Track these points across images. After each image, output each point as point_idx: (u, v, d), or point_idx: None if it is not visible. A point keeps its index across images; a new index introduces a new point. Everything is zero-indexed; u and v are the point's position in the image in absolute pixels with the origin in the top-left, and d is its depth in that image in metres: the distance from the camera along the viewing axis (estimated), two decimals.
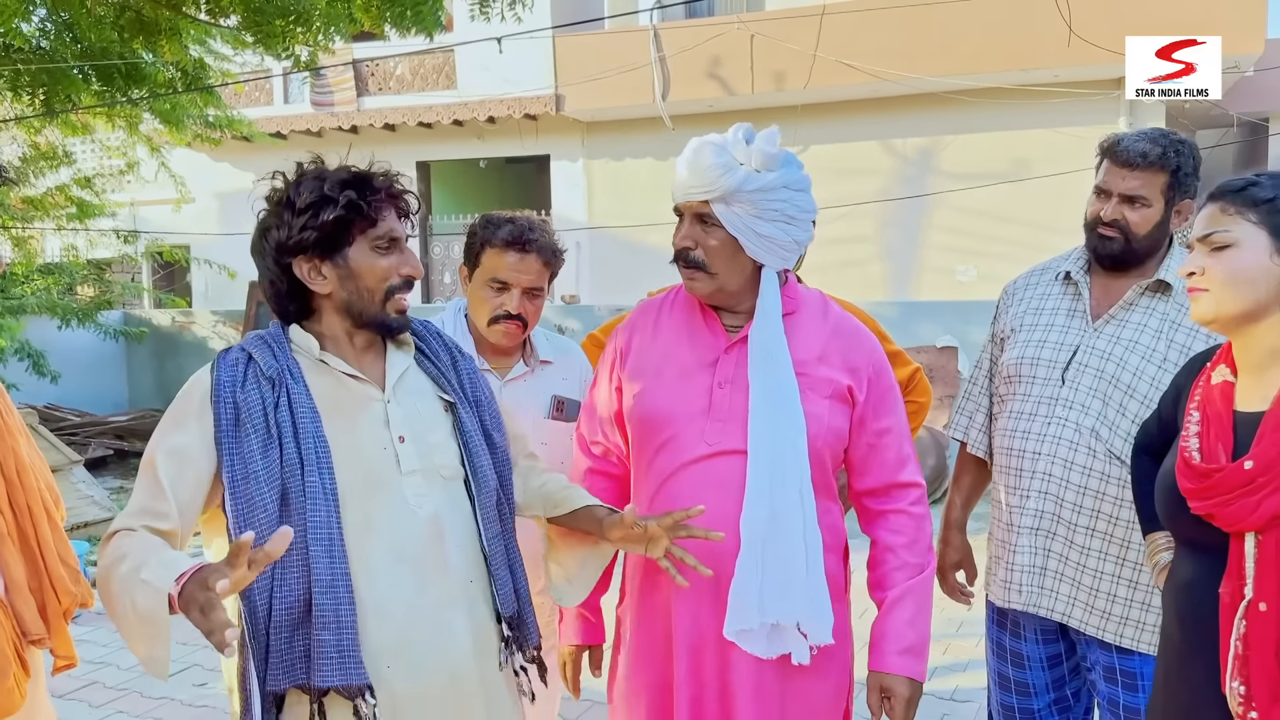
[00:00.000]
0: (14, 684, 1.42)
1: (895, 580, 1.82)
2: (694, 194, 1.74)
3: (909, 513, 1.86)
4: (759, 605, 1.69)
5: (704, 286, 1.79)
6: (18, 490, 1.51)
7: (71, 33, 5.81)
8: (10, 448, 1.52)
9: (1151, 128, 2.18)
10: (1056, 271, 2.29)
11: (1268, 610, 1.40)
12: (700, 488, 1.76)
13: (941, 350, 7.79)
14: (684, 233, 1.79)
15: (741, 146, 1.75)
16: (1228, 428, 1.51)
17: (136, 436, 9.70)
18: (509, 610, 1.66)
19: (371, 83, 12.22)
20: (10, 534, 1.48)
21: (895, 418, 1.88)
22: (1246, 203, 1.49)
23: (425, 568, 1.57)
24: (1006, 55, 9.44)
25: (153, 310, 11.92)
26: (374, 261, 1.59)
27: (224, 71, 7.68)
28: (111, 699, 4.03)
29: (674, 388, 1.82)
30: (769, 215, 1.74)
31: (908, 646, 1.79)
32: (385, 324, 1.63)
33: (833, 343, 1.84)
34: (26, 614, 1.48)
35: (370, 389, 1.63)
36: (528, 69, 11.05)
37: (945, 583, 2.51)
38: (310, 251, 1.57)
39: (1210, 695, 1.48)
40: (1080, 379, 2.14)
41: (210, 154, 12.51)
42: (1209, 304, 1.51)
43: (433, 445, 1.63)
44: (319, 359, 1.61)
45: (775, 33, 10.03)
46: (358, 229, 1.58)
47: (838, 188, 10.32)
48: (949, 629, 4.57)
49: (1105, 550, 2.10)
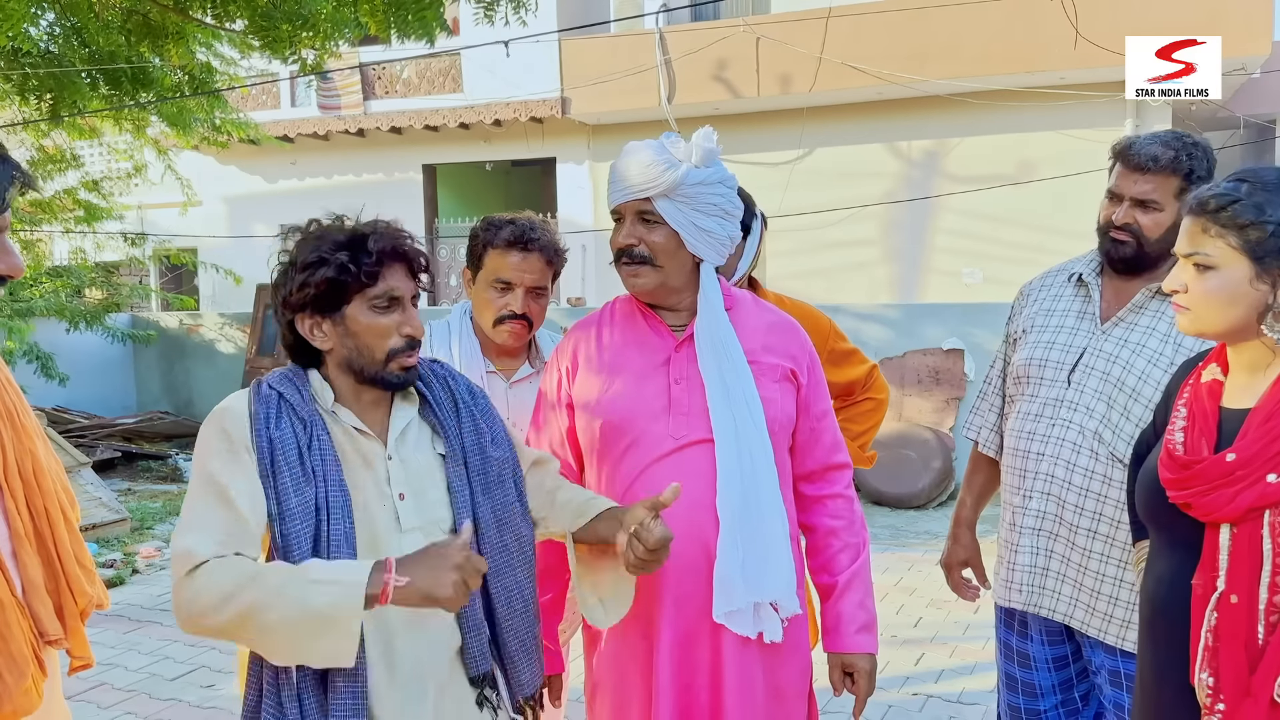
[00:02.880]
0: (31, 685, 1.43)
1: (841, 563, 1.93)
2: (638, 191, 1.80)
3: (844, 495, 1.97)
4: (743, 584, 1.74)
5: (649, 281, 1.83)
6: (35, 493, 1.51)
7: (79, 37, 5.83)
8: (28, 449, 1.52)
9: (1165, 130, 2.16)
10: (1070, 273, 2.29)
11: (1239, 602, 1.41)
12: (673, 478, 1.79)
13: (947, 353, 7.78)
14: (626, 231, 1.84)
15: (680, 145, 1.82)
16: (1212, 423, 1.53)
17: (144, 439, 9.73)
18: (479, 669, 1.63)
19: (378, 86, 12.24)
20: (28, 535, 1.49)
21: (828, 402, 1.99)
22: (1227, 225, 1.47)
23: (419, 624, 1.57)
24: (1012, 58, 9.43)
25: (161, 313, 11.96)
26: (372, 320, 1.58)
27: (231, 75, 7.70)
28: (120, 700, 4.04)
29: (631, 391, 1.85)
30: (708, 209, 1.81)
31: (862, 625, 1.91)
32: (386, 381, 1.62)
33: (772, 334, 1.92)
34: (44, 615, 1.48)
35: (374, 445, 1.62)
36: (533, 72, 11.06)
37: (951, 579, 2.54)
38: (309, 309, 1.58)
39: (1182, 688, 1.49)
40: (1086, 381, 2.14)
41: (218, 157, 12.56)
42: (1190, 322, 1.54)
43: (431, 502, 1.63)
44: (330, 410, 1.62)
45: (781, 36, 10.03)
46: (354, 289, 1.57)
47: (843, 190, 10.32)
48: (955, 632, 4.57)
49: (1106, 553, 2.10)
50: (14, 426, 1.53)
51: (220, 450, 1.53)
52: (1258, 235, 1.45)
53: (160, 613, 5.24)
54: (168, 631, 4.92)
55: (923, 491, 7.40)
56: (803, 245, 10.61)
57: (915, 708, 3.81)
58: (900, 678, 4.09)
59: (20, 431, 1.54)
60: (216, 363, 10.52)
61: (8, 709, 1.40)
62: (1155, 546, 1.63)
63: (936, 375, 7.79)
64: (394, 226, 1.64)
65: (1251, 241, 1.45)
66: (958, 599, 2.74)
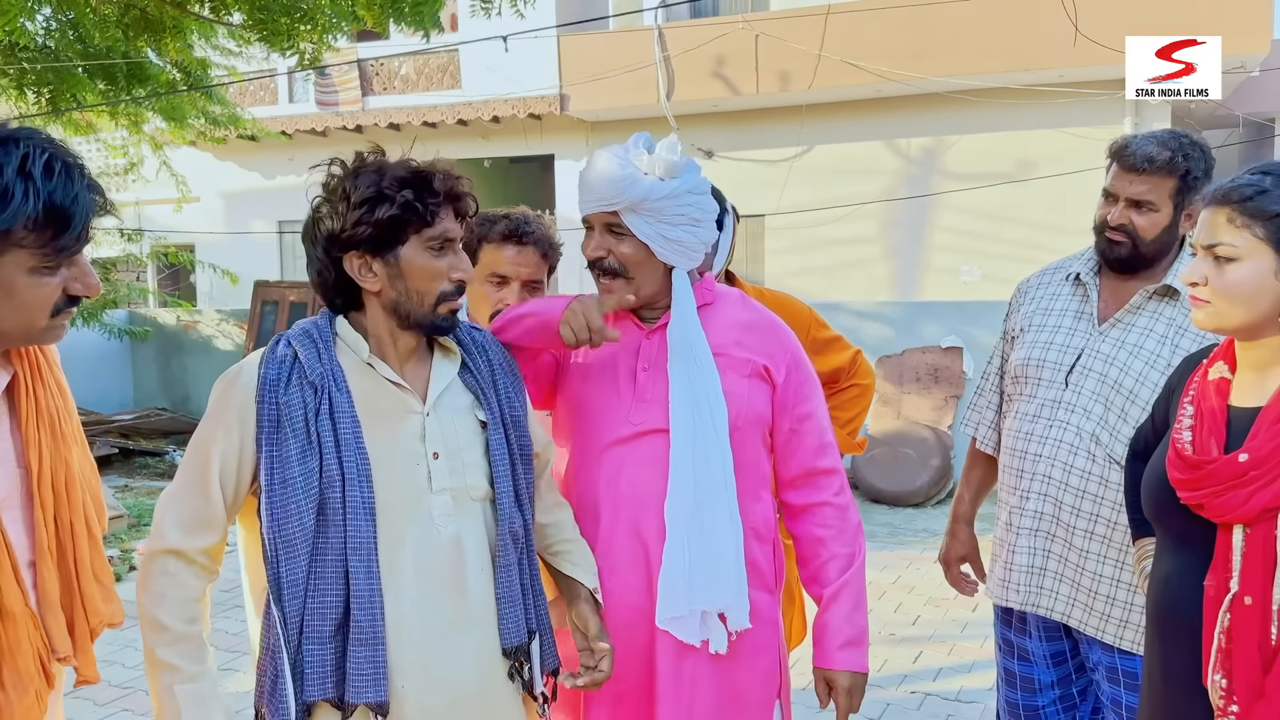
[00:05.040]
0: (34, 700, 1.42)
1: (829, 574, 1.86)
2: (604, 204, 1.77)
3: (833, 503, 1.88)
4: (687, 591, 1.71)
5: (622, 297, 1.82)
6: (64, 505, 1.50)
7: (76, 31, 5.81)
8: (63, 458, 1.51)
9: (1163, 129, 2.15)
10: (1068, 272, 2.29)
11: (1253, 604, 1.40)
12: (626, 466, 1.80)
13: (946, 350, 7.78)
14: (595, 243, 1.82)
15: (644, 156, 1.77)
16: (1221, 422, 1.51)
17: (141, 435, 9.72)
18: (515, 640, 1.62)
19: (376, 82, 12.23)
20: (50, 550, 1.48)
21: (816, 404, 1.91)
22: (1254, 214, 1.45)
23: (443, 589, 1.56)
24: (1012, 55, 9.42)
25: (158, 309, 11.93)
26: (427, 262, 1.55)
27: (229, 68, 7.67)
28: (116, 697, 4.03)
29: (598, 372, 1.85)
30: (676, 220, 1.77)
31: (848, 640, 1.84)
32: (434, 325, 1.59)
33: (750, 332, 1.88)
34: (55, 631, 1.47)
35: (412, 400, 1.60)
36: (532, 69, 11.04)
37: (949, 574, 2.55)
38: (362, 247, 1.53)
39: (1193, 689, 1.48)
40: (1083, 383, 2.14)
41: (215, 153, 12.54)
42: (1209, 316, 1.51)
43: (466, 465, 1.61)
44: (366, 362, 1.58)
45: (780, 32, 10.02)
46: (412, 229, 1.53)
47: (842, 188, 10.32)
48: (954, 630, 4.56)
49: (1104, 553, 2.10)
50: (54, 434, 1.52)
51: (216, 414, 1.54)
52: None
53: None
54: None
55: (921, 489, 7.40)
56: (801, 243, 10.61)
57: (913, 705, 3.81)
58: (898, 675, 4.09)
59: (59, 439, 1.53)
60: (214, 359, 10.50)
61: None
62: (1162, 547, 1.61)
63: (935, 373, 7.79)
64: (452, 168, 1.60)
65: (1279, 233, 1.44)
66: (956, 596, 2.75)
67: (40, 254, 1.32)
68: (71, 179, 1.33)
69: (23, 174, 1.28)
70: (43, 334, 1.40)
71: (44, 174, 1.30)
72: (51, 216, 1.30)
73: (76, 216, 1.33)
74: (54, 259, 1.34)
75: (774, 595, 1.89)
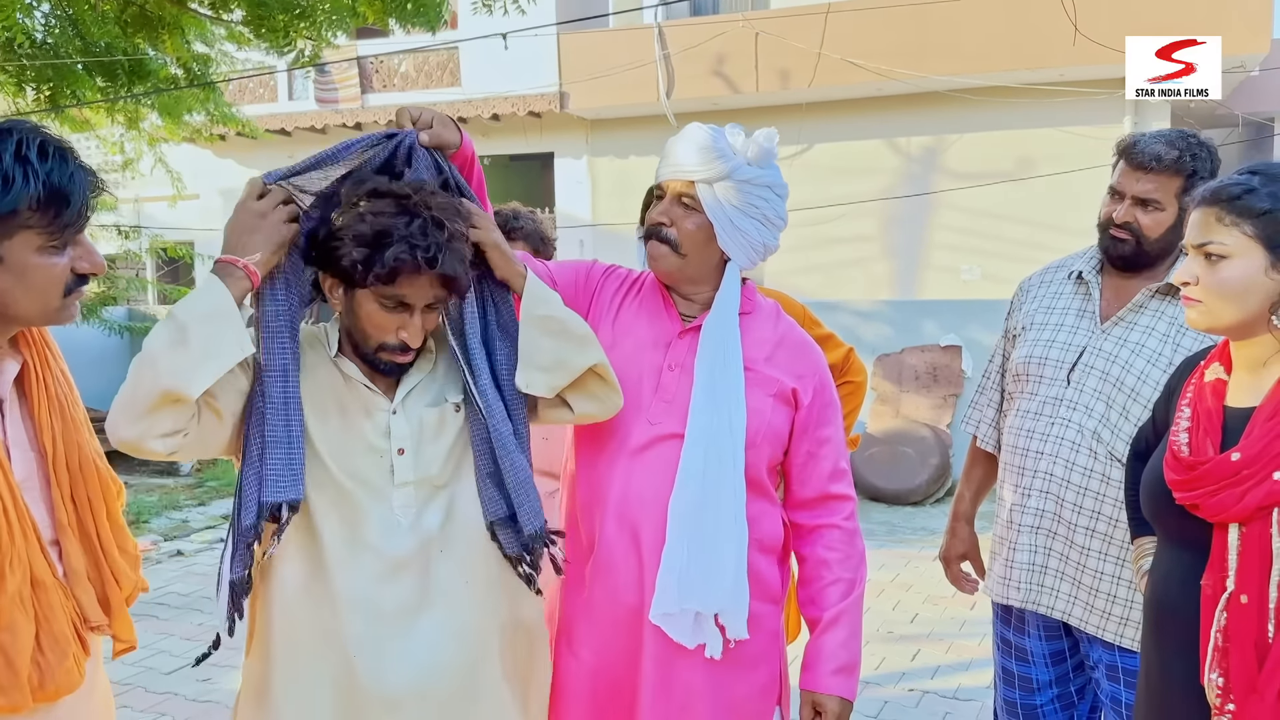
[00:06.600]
0: (73, 663, 1.47)
1: (829, 598, 1.85)
2: (684, 172, 1.76)
3: (841, 527, 1.88)
4: (680, 590, 1.70)
5: (667, 265, 1.81)
6: (80, 484, 1.56)
7: (75, 28, 5.80)
8: (75, 441, 1.58)
9: (1171, 129, 2.15)
10: (1070, 270, 2.29)
11: (1249, 602, 1.41)
12: (637, 474, 1.79)
13: (945, 349, 7.78)
14: (662, 209, 1.81)
15: (740, 137, 1.79)
16: (1217, 423, 1.52)
17: None
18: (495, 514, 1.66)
19: (376, 80, 12.21)
20: (71, 526, 1.54)
21: (835, 430, 1.90)
22: (1243, 212, 1.46)
23: (405, 570, 1.59)
24: (1012, 54, 9.41)
25: (157, 306, 11.93)
26: (374, 312, 1.58)
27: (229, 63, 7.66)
28: (116, 694, 4.02)
29: (627, 361, 1.83)
30: (749, 210, 1.77)
31: (840, 666, 1.82)
32: (374, 363, 1.63)
33: (781, 349, 1.87)
34: (86, 602, 1.53)
35: (378, 399, 1.63)
36: (532, 67, 11.03)
37: (949, 572, 2.55)
38: (331, 269, 1.60)
39: (1190, 688, 1.48)
40: (1085, 381, 2.14)
41: (214, 150, 12.52)
42: (1201, 315, 1.52)
43: (430, 457, 1.63)
44: (333, 360, 1.64)
45: (780, 31, 10.01)
46: (371, 279, 1.56)
47: (842, 186, 10.31)
48: (952, 628, 4.57)
49: (1105, 551, 2.10)
50: (65, 419, 1.59)
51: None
52: (1274, 223, 1.44)
53: (157, 606, 5.23)
54: (164, 625, 4.91)
55: (920, 488, 7.41)
56: (801, 241, 10.59)
57: (911, 703, 3.82)
58: (896, 674, 4.10)
59: (70, 424, 1.59)
60: None
61: (50, 687, 1.43)
62: (1161, 547, 1.62)
63: (934, 372, 7.79)
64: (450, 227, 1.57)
65: (1268, 230, 1.45)
66: (954, 595, 2.75)
67: (46, 233, 1.39)
68: (65, 161, 1.41)
69: (19, 159, 1.35)
70: (58, 314, 1.47)
71: (39, 157, 1.37)
72: (52, 196, 1.37)
73: (75, 194, 1.40)
74: (59, 237, 1.41)
75: (777, 607, 1.88)
